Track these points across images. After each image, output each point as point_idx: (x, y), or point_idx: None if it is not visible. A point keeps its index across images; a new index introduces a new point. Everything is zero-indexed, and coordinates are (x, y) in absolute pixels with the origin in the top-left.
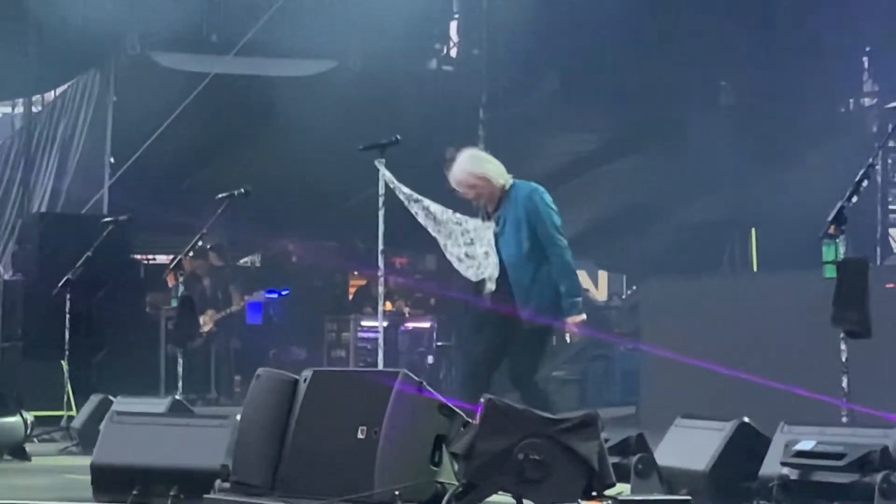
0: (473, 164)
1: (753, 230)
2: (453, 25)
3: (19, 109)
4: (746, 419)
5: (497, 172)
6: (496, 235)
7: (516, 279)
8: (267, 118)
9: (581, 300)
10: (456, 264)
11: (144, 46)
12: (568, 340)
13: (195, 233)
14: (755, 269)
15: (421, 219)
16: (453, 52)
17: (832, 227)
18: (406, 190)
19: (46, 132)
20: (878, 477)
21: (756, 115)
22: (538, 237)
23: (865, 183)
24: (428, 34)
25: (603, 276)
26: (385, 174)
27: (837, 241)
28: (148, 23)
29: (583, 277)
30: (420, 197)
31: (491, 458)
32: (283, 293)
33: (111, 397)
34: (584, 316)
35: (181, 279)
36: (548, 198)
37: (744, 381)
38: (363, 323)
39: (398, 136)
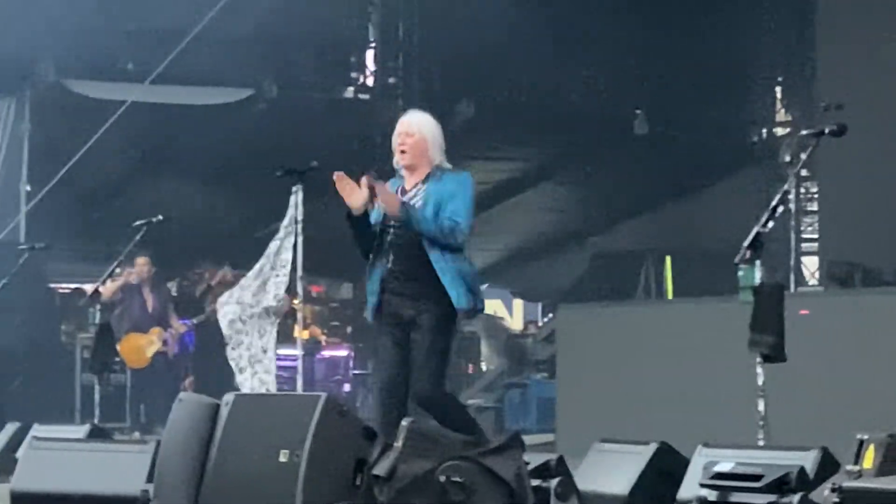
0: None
1: (668, 258)
2: (370, 54)
3: None
4: (665, 441)
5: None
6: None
7: None
8: (183, 146)
9: None
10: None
11: (59, 74)
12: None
13: (111, 261)
14: (670, 296)
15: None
16: (370, 81)
17: (748, 252)
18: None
19: None
20: (796, 498)
21: (670, 144)
22: None
23: (781, 209)
24: (344, 63)
25: (518, 304)
26: (296, 200)
27: (754, 266)
28: (63, 50)
29: (498, 306)
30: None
31: (412, 481)
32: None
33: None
34: None
35: (99, 307)
36: None
37: (662, 407)
38: (280, 351)
39: (316, 163)
